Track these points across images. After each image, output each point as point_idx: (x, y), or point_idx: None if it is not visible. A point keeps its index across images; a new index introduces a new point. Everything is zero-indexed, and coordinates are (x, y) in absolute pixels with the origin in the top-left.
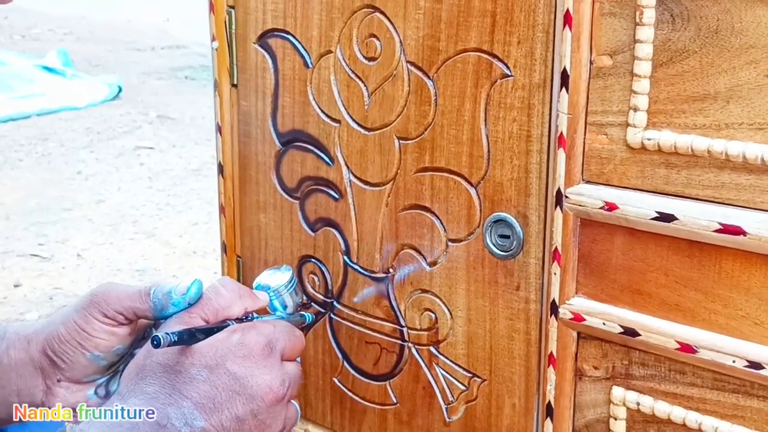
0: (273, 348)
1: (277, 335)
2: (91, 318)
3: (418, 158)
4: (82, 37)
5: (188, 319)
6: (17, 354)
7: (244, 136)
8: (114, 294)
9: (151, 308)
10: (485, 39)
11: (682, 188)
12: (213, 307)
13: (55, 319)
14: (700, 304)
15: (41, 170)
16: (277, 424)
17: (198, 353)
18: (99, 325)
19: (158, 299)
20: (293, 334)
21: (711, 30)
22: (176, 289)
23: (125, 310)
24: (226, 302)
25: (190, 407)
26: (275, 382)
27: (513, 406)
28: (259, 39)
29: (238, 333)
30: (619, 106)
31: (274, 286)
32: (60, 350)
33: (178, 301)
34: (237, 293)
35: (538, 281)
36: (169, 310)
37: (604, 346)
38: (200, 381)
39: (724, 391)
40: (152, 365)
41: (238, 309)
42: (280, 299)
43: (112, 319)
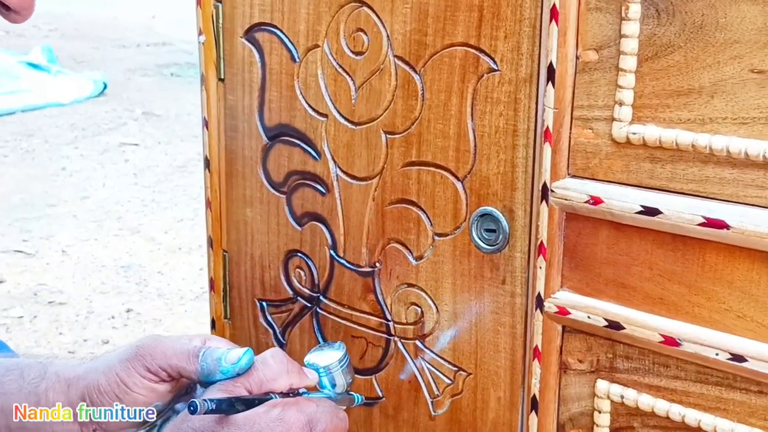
0: (313, 429)
1: (318, 416)
2: (133, 371)
3: (405, 152)
4: (67, 34)
5: (231, 387)
6: (56, 397)
7: (231, 131)
8: (160, 349)
9: (197, 371)
10: (472, 33)
11: (666, 182)
12: (258, 378)
13: (97, 366)
14: (684, 297)
15: (26, 166)
16: None
17: (235, 424)
18: (140, 380)
19: (207, 364)
20: (336, 415)
21: (696, 25)
22: (227, 356)
23: (170, 368)
24: (272, 374)
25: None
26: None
27: (498, 399)
28: (246, 33)
29: (279, 408)
30: (605, 100)
31: (324, 364)
32: (98, 402)
33: (227, 370)
34: (285, 367)
35: (523, 275)
36: (216, 377)
37: (589, 340)
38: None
39: (707, 383)
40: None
41: (283, 383)
42: (330, 377)
43: (155, 374)
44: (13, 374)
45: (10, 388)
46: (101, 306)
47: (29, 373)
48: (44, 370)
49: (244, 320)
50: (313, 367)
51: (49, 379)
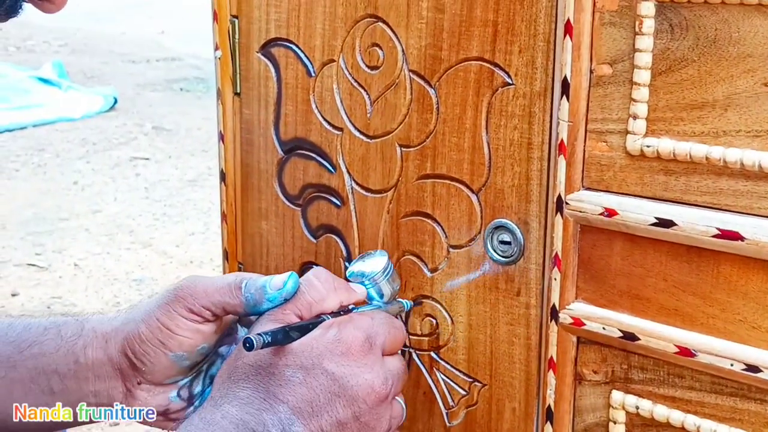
0: (373, 343)
1: (376, 329)
2: (175, 314)
3: (420, 165)
4: (77, 49)
5: (281, 315)
6: (95, 353)
7: (247, 144)
8: (201, 288)
9: (243, 303)
10: (487, 48)
11: (680, 194)
12: (306, 301)
13: (135, 315)
14: (699, 308)
15: (37, 180)
16: (381, 426)
17: (292, 353)
18: (184, 322)
19: (251, 294)
20: (393, 325)
21: (709, 39)
22: (271, 282)
23: (213, 306)
24: (320, 296)
25: (286, 412)
26: (377, 380)
27: (513, 410)
28: (262, 48)
29: (335, 329)
30: (619, 114)
31: (369, 273)
32: (141, 351)
33: (273, 296)
34: (332, 285)
35: (538, 287)
36: (263, 306)
37: (604, 351)
38: (296, 383)
39: (722, 394)
40: (244, 367)
41: (333, 302)
42: (377, 287)
43: (198, 315)
44: (50, 333)
45: (48, 348)
46: None
47: (66, 331)
48: (81, 326)
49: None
50: (358, 279)
51: (87, 336)
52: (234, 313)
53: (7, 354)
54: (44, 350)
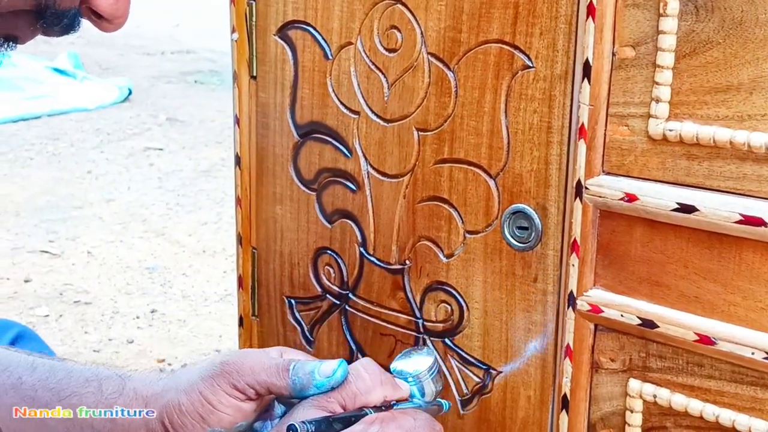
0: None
1: (417, 430)
2: (218, 389)
3: (437, 150)
4: (92, 41)
5: (325, 402)
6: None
7: (262, 128)
8: (248, 365)
9: (289, 387)
10: (507, 30)
11: (703, 180)
12: (352, 391)
13: (177, 384)
14: (720, 295)
15: (52, 169)
16: None
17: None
18: (227, 399)
19: (299, 378)
20: (434, 428)
21: (735, 21)
22: (320, 369)
23: (258, 385)
24: (366, 388)
25: None
26: None
27: (528, 398)
28: (279, 31)
29: (377, 425)
30: (641, 97)
31: (413, 371)
32: (179, 422)
33: (321, 383)
34: (378, 379)
35: (555, 273)
36: (309, 392)
37: (622, 339)
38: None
39: (742, 383)
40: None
41: (377, 396)
42: (419, 386)
43: (242, 392)
44: (92, 386)
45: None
46: (126, 306)
47: (107, 387)
48: (122, 385)
49: (272, 318)
50: (402, 376)
51: (127, 395)
52: (278, 395)
53: (45, 401)
54: (84, 402)
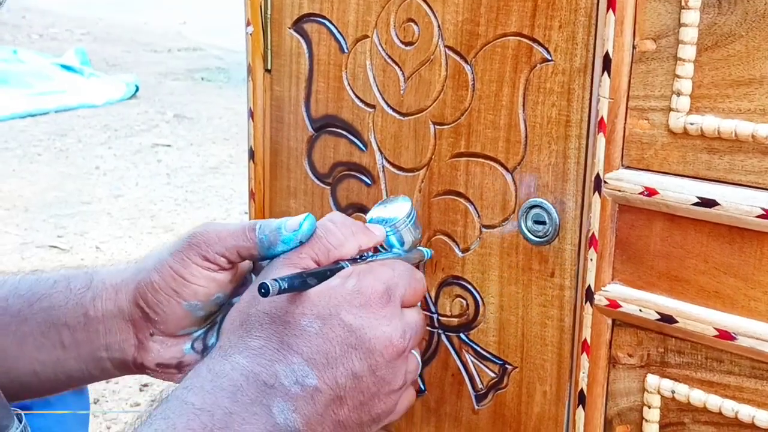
0: (392, 295)
1: (396, 280)
2: (189, 262)
3: (454, 143)
4: (99, 38)
5: (297, 259)
6: (105, 305)
7: (276, 122)
8: (215, 234)
9: (257, 246)
10: (526, 23)
11: (724, 174)
12: (324, 245)
13: (146, 265)
14: (740, 291)
15: (59, 165)
16: (397, 380)
17: (309, 302)
18: (198, 270)
19: (265, 236)
20: (414, 277)
21: (758, 14)
22: (286, 224)
23: (228, 251)
24: (338, 240)
25: (300, 363)
26: (395, 333)
27: (544, 393)
28: (295, 24)
29: (354, 278)
30: (662, 90)
31: (390, 218)
32: (153, 300)
33: (288, 238)
34: (350, 229)
35: (573, 268)
36: (278, 248)
37: (640, 334)
38: (312, 334)
39: (762, 379)
40: (258, 315)
41: (351, 247)
42: (397, 235)
43: (213, 262)
44: (60, 286)
45: (57, 301)
46: None
47: (75, 284)
48: (90, 278)
49: None
50: (379, 222)
51: (96, 288)
52: (248, 257)
53: (17, 308)
54: (53, 303)
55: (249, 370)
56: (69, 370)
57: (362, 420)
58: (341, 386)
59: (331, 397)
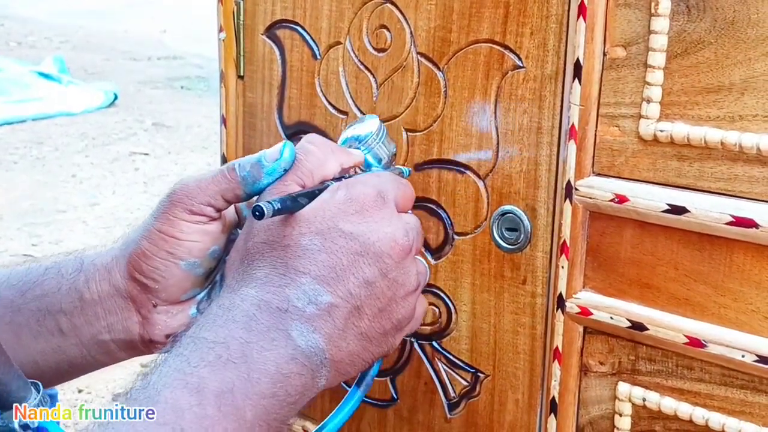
0: (385, 197)
1: (385, 185)
2: (176, 220)
3: (426, 150)
4: (78, 46)
5: (283, 187)
6: (99, 287)
7: (249, 129)
8: (194, 185)
9: (240, 184)
10: (497, 30)
11: (694, 181)
12: (307, 168)
13: (133, 237)
14: (710, 298)
15: (36, 173)
16: (410, 280)
17: (305, 221)
18: (187, 226)
19: (247, 172)
20: (401, 182)
21: (727, 21)
22: (265, 155)
23: (212, 198)
24: (318, 161)
25: (309, 282)
26: (398, 232)
27: (516, 401)
28: (267, 30)
29: (343, 189)
30: (632, 97)
31: (362, 135)
32: (149, 268)
33: (271, 169)
34: (329, 149)
35: (545, 275)
36: (263, 182)
37: (611, 341)
38: (315, 251)
39: (732, 386)
40: (256, 246)
41: (333, 166)
42: (372, 152)
43: (200, 213)
44: (51, 272)
45: (50, 288)
46: None
47: (66, 269)
48: (81, 262)
49: None
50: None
51: (87, 270)
52: (234, 198)
53: (10, 298)
54: (46, 290)
55: (260, 299)
56: (71, 357)
57: (385, 328)
58: (356, 296)
59: (348, 310)
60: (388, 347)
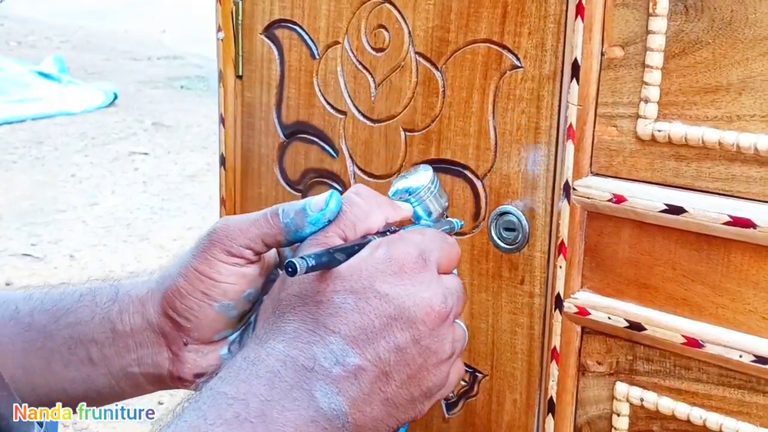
0: (427, 259)
1: (428, 244)
2: (214, 260)
3: (424, 150)
4: (78, 46)
5: (324, 239)
6: (132, 319)
7: (248, 128)
8: (235, 227)
9: (282, 231)
10: (495, 30)
11: (691, 181)
12: (350, 220)
13: (170, 272)
14: (708, 298)
15: (35, 173)
16: (444, 349)
17: (340, 278)
18: (225, 267)
19: (290, 219)
20: (446, 241)
21: (724, 21)
22: (311, 204)
23: (252, 242)
24: (362, 213)
25: (338, 342)
26: (436, 298)
27: (514, 402)
28: (266, 30)
29: (384, 247)
30: (630, 97)
31: (413, 188)
32: (183, 307)
33: (316, 219)
34: (375, 201)
35: (543, 275)
36: (306, 231)
37: (609, 341)
38: (347, 310)
39: (729, 386)
40: (288, 299)
41: (378, 220)
42: (423, 205)
43: (239, 256)
44: (85, 300)
45: (83, 316)
46: None
47: (101, 298)
48: (116, 291)
49: None
50: (401, 197)
51: (122, 301)
52: (274, 244)
53: (43, 323)
54: (80, 318)
55: (285, 355)
56: (99, 387)
57: (413, 395)
58: (385, 361)
59: (375, 374)
60: (416, 414)
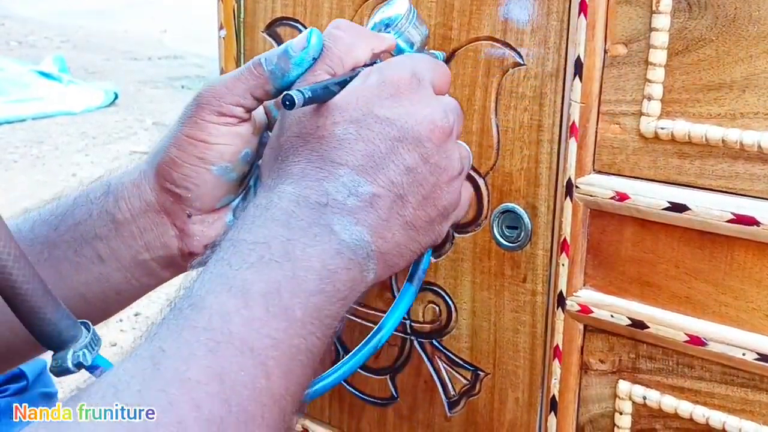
0: (421, 79)
1: (419, 66)
2: (205, 123)
3: None
4: (78, 46)
5: (312, 77)
6: (130, 204)
7: None
8: (221, 86)
9: (269, 78)
10: (498, 27)
11: (695, 178)
12: (335, 55)
13: (159, 148)
14: (711, 296)
15: (35, 172)
16: (453, 165)
17: (337, 109)
18: (216, 129)
19: (274, 65)
20: (436, 63)
21: (728, 18)
22: (292, 45)
23: (241, 98)
24: (347, 46)
25: (348, 174)
26: (437, 114)
27: (516, 400)
28: (268, 27)
29: (375, 73)
30: (633, 95)
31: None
32: (179, 176)
33: (300, 59)
34: (357, 33)
35: (545, 273)
36: (292, 73)
37: (611, 339)
38: (351, 140)
39: (732, 385)
40: (289, 141)
41: (364, 51)
42: (404, 37)
43: (230, 115)
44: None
45: (81, 216)
46: None
47: (94, 194)
48: (107, 185)
49: None
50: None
51: (115, 191)
52: (263, 95)
53: (44, 234)
54: (78, 219)
55: (297, 195)
56: (115, 283)
57: (430, 216)
58: (398, 184)
59: (391, 199)
60: (436, 236)
